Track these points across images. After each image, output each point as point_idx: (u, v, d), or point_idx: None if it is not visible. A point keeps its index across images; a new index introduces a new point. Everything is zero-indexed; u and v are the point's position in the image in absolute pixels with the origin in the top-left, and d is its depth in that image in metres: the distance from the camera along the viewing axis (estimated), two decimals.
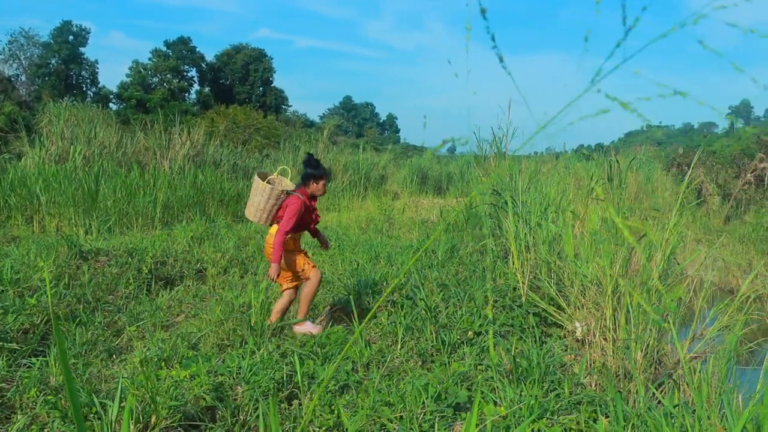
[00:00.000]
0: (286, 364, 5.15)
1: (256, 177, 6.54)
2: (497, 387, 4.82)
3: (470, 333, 6.49)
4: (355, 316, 6.35)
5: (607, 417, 4.32)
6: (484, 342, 6.18)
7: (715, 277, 14.24)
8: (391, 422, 4.26)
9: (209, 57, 75.66)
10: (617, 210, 7.13)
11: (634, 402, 4.93)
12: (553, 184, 11.99)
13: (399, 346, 6.09)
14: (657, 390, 5.13)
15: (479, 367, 5.56)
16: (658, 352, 6.39)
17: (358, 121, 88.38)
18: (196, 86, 73.56)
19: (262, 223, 6.51)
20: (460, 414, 4.45)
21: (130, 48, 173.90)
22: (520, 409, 4.28)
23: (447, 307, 7.15)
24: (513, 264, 8.23)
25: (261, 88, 76.70)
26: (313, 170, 6.46)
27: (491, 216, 9.92)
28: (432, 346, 6.09)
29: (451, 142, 1.88)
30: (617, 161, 9.32)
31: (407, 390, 4.63)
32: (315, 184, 6.50)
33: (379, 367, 5.47)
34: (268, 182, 6.56)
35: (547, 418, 4.36)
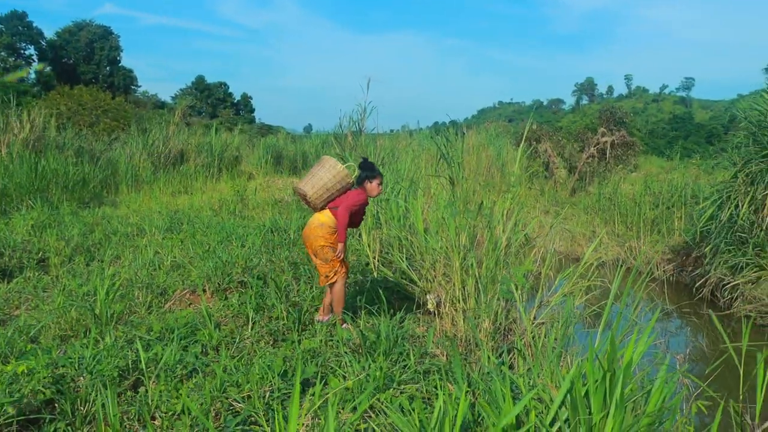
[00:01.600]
0: (132, 351, 5.04)
1: (330, 158, 6.38)
2: (345, 361, 4.89)
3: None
4: (203, 299, 6.27)
5: (454, 384, 4.46)
6: (335, 318, 6.26)
7: (562, 246, 14.96)
8: (239, 402, 4.25)
9: (49, 34, 71.58)
10: (459, 183, 7.35)
11: (481, 369, 5.11)
12: (407, 161, 12.22)
13: (250, 327, 6.06)
14: (507, 356, 5.33)
15: (330, 343, 5.62)
16: (506, 320, 6.65)
17: (211, 101, 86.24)
18: (35, 65, 69.52)
19: (313, 201, 6.16)
20: (308, 389, 4.49)
21: None
22: (367, 380, 4.37)
23: (298, 286, 7.17)
24: (364, 240, 8.34)
25: (108, 68, 73.44)
26: (368, 171, 6.30)
27: None
28: (283, 324, 6.10)
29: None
30: (462, 136, 9.57)
31: (255, 369, 4.63)
32: (370, 184, 6.31)
33: (228, 349, 5.43)
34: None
35: (394, 388, 4.47)
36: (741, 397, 3.62)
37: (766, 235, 10.24)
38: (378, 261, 8.19)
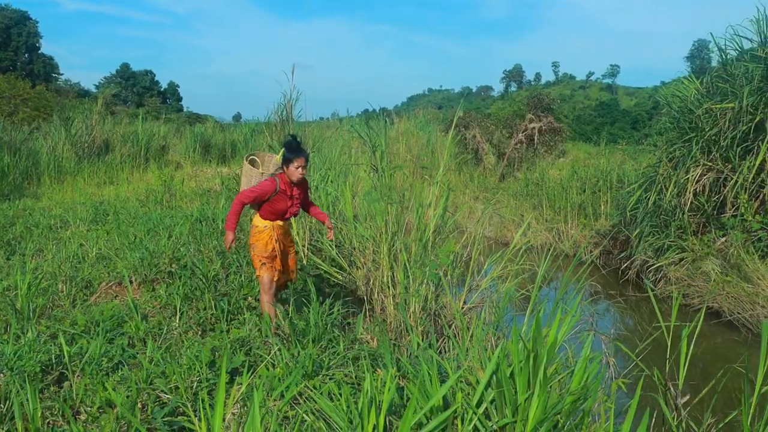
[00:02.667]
0: (55, 345, 4.91)
1: (244, 161, 6.10)
2: (274, 349, 4.86)
3: (251, 299, 6.48)
4: (130, 291, 6.15)
5: (383, 368, 4.48)
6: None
7: (491, 231, 15.14)
8: (166, 394, 4.18)
9: None
10: (382, 171, 7.37)
11: (410, 353, 5.13)
12: (336, 148, 12.17)
13: (178, 318, 5.97)
14: (436, 340, 5.37)
15: (259, 332, 5.57)
16: (436, 305, 6.70)
17: (137, 90, 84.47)
18: None
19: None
20: (236, 378, 4.45)
21: None
22: (296, 368, 4.34)
23: (227, 275, 7.09)
24: (293, 228, 8.29)
25: (27, 55, 71.24)
26: (286, 152, 5.82)
27: None
28: (212, 314, 6.03)
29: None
30: (389, 123, 9.58)
31: (183, 360, 4.57)
32: (286, 168, 5.84)
33: (156, 340, 5.33)
34: (252, 162, 6.16)
35: (323, 374, 4.47)
36: (667, 368, 3.72)
37: (689, 217, 10.55)
38: (308, 249, 8.15)
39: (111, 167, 19.51)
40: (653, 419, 3.78)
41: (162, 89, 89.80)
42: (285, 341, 5.23)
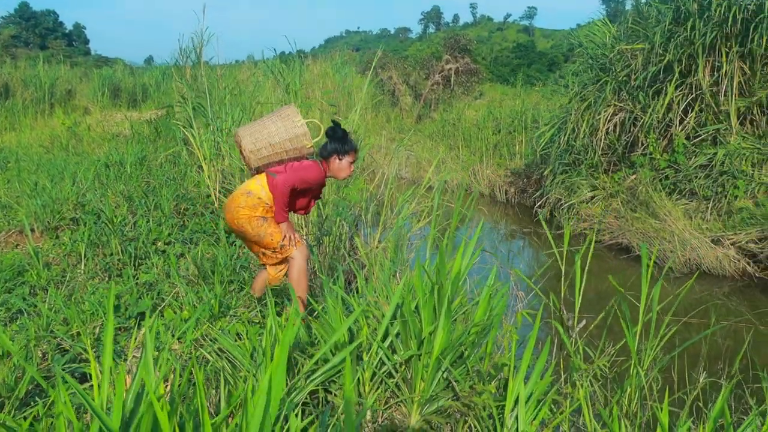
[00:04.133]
0: None
1: (292, 107, 4.45)
2: (182, 292, 4.74)
3: (159, 243, 6.31)
4: (31, 239, 5.89)
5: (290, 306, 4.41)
6: (175, 250, 6.06)
7: (408, 172, 15.18)
8: (68, 341, 4.03)
9: None
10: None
11: (321, 291, 5.09)
12: (248, 90, 11.89)
13: (83, 264, 5.76)
14: (342, 276, 5.34)
15: (168, 275, 5.44)
16: (351, 245, 6.67)
17: (39, 31, 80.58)
18: None
19: (248, 156, 4.34)
20: (142, 322, 4.32)
21: None
22: (204, 310, 4.25)
23: (134, 219, 6.88)
24: (204, 171, 8.10)
25: None
26: (338, 143, 4.38)
27: (186, 126, 9.59)
28: (118, 260, 5.84)
29: None
30: (304, 65, 9.41)
31: (86, 306, 4.41)
32: (339, 161, 4.40)
33: (59, 288, 5.13)
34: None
35: (230, 316, 4.39)
36: (562, 293, 3.78)
37: (600, 156, 10.76)
38: (219, 192, 7.97)
39: (12, 113, 18.60)
40: (554, 346, 3.85)
41: (67, 31, 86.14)
42: (192, 283, 5.11)
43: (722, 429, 2.73)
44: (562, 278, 3.70)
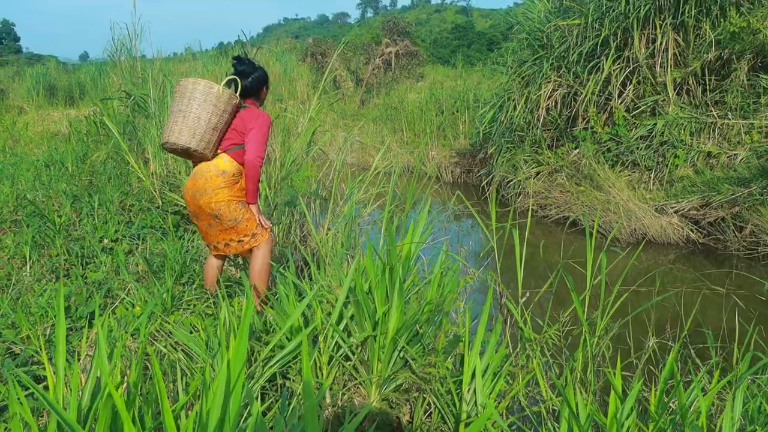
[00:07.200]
0: None
1: (200, 81, 4.14)
2: (132, 289, 4.69)
3: (106, 241, 6.21)
4: None
5: (244, 296, 4.40)
6: (123, 247, 5.98)
7: (354, 158, 15.17)
8: (18, 345, 3.95)
9: None
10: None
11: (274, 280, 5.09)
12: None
13: (28, 267, 5.64)
14: (293, 262, 5.35)
15: (118, 273, 5.37)
16: (301, 232, 6.67)
17: None
18: None
19: (203, 152, 4.13)
20: (93, 322, 4.27)
21: None
22: (156, 305, 4.21)
23: (80, 219, 6.76)
24: (151, 166, 7.99)
25: None
26: (257, 73, 4.40)
27: (128, 122, 9.43)
28: (65, 260, 5.74)
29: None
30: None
31: (34, 308, 4.34)
32: (262, 93, 4.51)
33: (4, 292, 5.03)
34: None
35: (184, 308, 4.36)
36: (498, 268, 3.86)
37: (543, 132, 10.90)
38: (167, 187, 7.88)
39: None
40: (507, 321, 3.92)
41: None
42: (143, 279, 5.06)
43: (672, 389, 2.81)
44: (497, 252, 3.78)
